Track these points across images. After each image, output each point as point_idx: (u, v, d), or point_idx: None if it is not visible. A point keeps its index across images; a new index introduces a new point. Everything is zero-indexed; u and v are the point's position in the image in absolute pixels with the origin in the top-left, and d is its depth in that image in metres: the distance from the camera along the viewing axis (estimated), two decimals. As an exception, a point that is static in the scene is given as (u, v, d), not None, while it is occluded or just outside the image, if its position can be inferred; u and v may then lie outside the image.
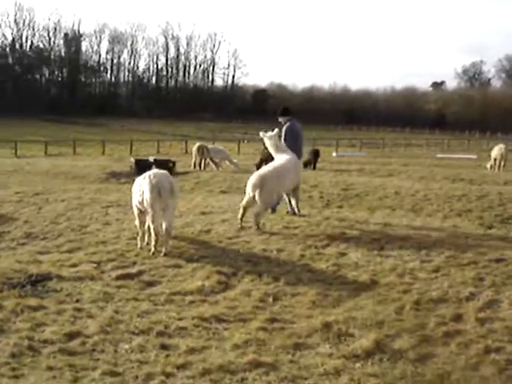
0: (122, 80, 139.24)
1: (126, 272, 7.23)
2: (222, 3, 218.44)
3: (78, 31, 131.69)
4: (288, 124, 11.44)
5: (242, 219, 9.64)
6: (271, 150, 10.77)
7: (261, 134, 11.01)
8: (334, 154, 38.89)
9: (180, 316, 5.71)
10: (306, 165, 25.65)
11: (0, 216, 11.22)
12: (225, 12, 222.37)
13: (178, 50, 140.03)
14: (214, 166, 23.28)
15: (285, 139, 11.17)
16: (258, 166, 23.01)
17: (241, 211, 9.69)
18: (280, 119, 11.65)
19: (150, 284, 6.83)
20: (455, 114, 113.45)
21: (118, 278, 7.04)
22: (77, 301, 6.10)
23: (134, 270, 7.30)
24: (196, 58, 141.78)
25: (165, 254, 7.98)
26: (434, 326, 5.51)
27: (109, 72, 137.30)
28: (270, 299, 6.23)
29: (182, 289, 6.57)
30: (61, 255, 8.14)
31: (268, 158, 12.91)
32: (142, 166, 20.62)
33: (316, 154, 27.00)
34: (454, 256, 7.81)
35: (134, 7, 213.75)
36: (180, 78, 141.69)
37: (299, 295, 6.36)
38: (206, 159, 23.04)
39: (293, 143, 11.12)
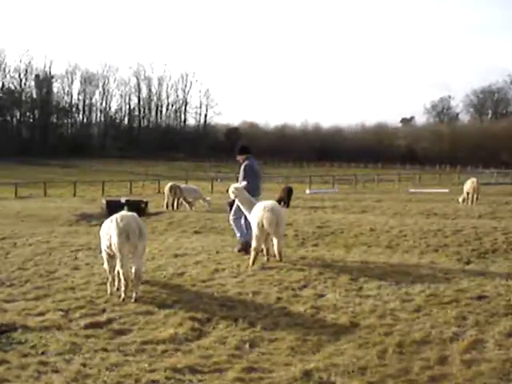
0: (94, 121, 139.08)
1: (94, 320, 6.89)
2: (193, 44, 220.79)
3: (50, 72, 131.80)
4: (247, 162, 11.38)
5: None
6: (243, 206, 10.60)
7: (230, 189, 10.71)
8: (308, 191, 38.85)
9: (152, 367, 5.38)
10: (278, 202, 25.53)
11: (-36, 263, 10.80)
12: (196, 52, 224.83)
13: (150, 90, 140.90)
14: (187, 206, 22.99)
15: (245, 177, 11.10)
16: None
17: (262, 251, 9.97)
18: (238, 158, 11.65)
19: (120, 332, 6.49)
20: (425, 148, 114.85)
21: (86, 326, 6.69)
22: (42, 353, 5.73)
23: (103, 318, 6.96)
24: (168, 97, 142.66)
25: (135, 300, 7.65)
26: (418, 370, 5.26)
27: (81, 113, 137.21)
28: (247, 346, 5.93)
29: (153, 337, 6.25)
30: (27, 303, 7.76)
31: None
32: (113, 207, 20.23)
33: (289, 192, 26.89)
34: (434, 294, 7.63)
35: (106, 48, 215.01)
36: (152, 118, 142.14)
37: (277, 341, 6.09)
38: (178, 199, 22.77)
39: (253, 181, 11.13)
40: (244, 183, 10.89)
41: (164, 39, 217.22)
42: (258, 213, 9.76)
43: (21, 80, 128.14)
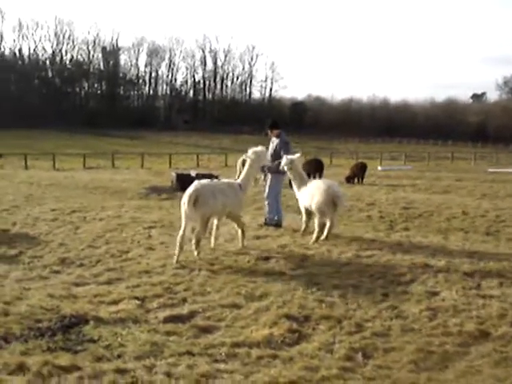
0: (159, 93, 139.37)
1: (175, 313, 6.01)
2: (260, 16, 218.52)
3: (117, 45, 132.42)
4: (284, 136, 11.50)
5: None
6: (295, 182, 10.48)
7: (285, 162, 10.37)
8: (380, 168, 37.36)
9: (249, 381, 4.46)
10: (350, 179, 24.39)
11: (32, 238, 10.16)
12: (262, 25, 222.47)
13: (216, 63, 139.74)
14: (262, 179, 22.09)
15: (286, 151, 11.09)
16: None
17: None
18: (270, 132, 11.61)
19: (206, 330, 5.57)
20: (497, 126, 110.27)
21: (166, 320, 5.81)
22: (118, 356, 4.87)
23: (184, 311, 6.06)
24: (233, 71, 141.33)
25: None
26: None
27: (147, 85, 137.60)
28: (360, 357, 4.92)
29: (245, 338, 5.31)
30: (99, 288, 6.98)
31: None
32: (183, 181, 19.56)
33: (363, 168, 25.68)
34: None
35: (172, 21, 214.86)
36: (217, 91, 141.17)
37: (394, 351, 5.04)
38: (250, 173, 21.87)
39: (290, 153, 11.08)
40: (298, 155, 10.83)
41: (230, 11, 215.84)
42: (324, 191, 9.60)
43: (89, 52, 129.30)
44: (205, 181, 9.04)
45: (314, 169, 24.35)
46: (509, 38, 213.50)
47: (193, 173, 20.69)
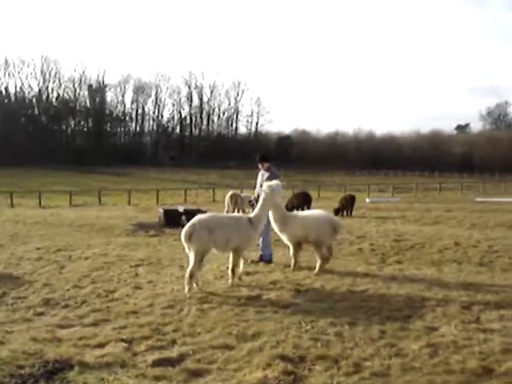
0: (146, 129, 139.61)
1: (164, 356, 5.72)
2: (245, 52, 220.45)
3: (103, 82, 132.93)
4: (274, 170, 11.40)
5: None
6: (274, 212, 9.96)
7: (267, 188, 9.59)
8: (368, 200, 37.30)
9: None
10: (339, 211, 24.23)
11: (16, 278, 9.86)
12: (247, 61, 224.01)
13: (202, 98, 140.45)
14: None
15: None
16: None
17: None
18: (261, 165, 11.43)
19: (197, 374, 5.30)
20: (482, 156, 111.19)
21: (154, 364, 5.53)
22: (105, 406, 4.61)
23: (174, 354, 5.78)
24: (219, 106, 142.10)
25: None
26: None
27: (133, 122, 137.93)
28: (360, 400, 4.68)
29: (238, 382, 5.04)
30: (84, 330, 6.69)
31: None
32: (171, 216, 19.33)
33: (352, 200, 25.56)
34: None
35: (157, 58, 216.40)
36: (204, 127, 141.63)
37: (397, 393, 4.81)
38: (239, 208, 21.67)
39: None
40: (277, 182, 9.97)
41: (215, 47, 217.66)
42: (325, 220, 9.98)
43: (75, 89, 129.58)
44: (206, 215, 9.14)
45: (302, 202, 24.25)
46: (494, 67, 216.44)
47: (180, 208, 20.44)
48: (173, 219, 19.15)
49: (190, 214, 19.72)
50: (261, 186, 11.11)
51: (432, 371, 5.21)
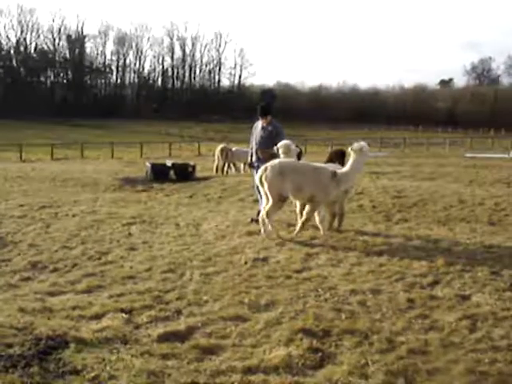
0: (127, 81, 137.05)
1: (170, 329, 5.09)
2: (228, 3, 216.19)
3: (82, 32, 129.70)
4: (276, 123, 10.36)
5: None
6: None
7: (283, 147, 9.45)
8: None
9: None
10: (330, 167, 23.55)
11: (-1, 238, 9.14)
12: (230, 11, 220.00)
13: (184, 50, 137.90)
14: (233, 170, 21.24)
15: (282, 136, 10.08)
16: None
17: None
18: (267, 118, 10.22)
19: (210, 351, 4.68)
20: (466, 111, 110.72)
21: (160, 339, 4.90)
22: (109, 395, 3.97)
23: (181, 326, 5.15)
24: (202, 58, 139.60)
25: None
26: None
27: (114, 73, 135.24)
28: (402, 383, 4.09)
29: (259, 362, 4.42)
30: (77, 298, 6.03)
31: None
32: (159, 171, 18.59)
33: (342, 156, 24.85)
34: None
35: (139, 8, 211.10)
36: (186, 79, 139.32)
37: (440, 373, 4.19)
38: (229, 163, 20.95)
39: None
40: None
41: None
42: None
43: (54, 40, 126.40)
44: (283, 160, 9.06)
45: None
46: (476, 22, 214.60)
47: (168, 162, 19.66)
48: (161, 174, 18.42)
49: (179, 168, 19.05)
50: (256, 141, 10.38)
51: (475, 348, 4.63)
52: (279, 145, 9.35)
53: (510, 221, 10.73)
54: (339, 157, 25.63)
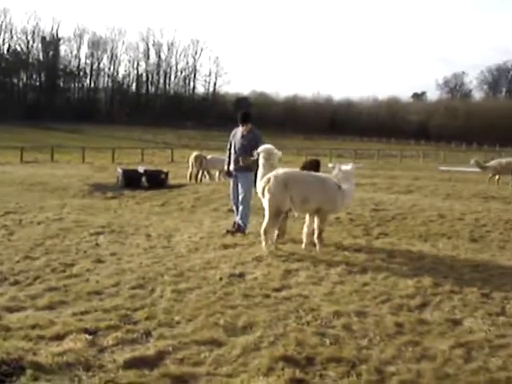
0: (101, 85, 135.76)
1: (138, 354, 4.60)
2: (205, 10, 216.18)
3: (57, 35, 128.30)
4: (257, 131, 10.14)
5: None
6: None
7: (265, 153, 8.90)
8: (331, 165, 36.36)
9: None
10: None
11: (-43, 246, 8.56)
12: (207, 19, 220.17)
13: (159, 56, 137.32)
14: (207, 178, 20.79)
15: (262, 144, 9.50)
16: None
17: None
18: (248, 126, 9.96)
19: (182, 380, 4.20)
20: (438, 124, 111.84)
21: (127, 365, 4.41)
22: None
23: (150, 351, 4.66)
24: (177, 64, 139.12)
25: None
26: None
27: (88, 77, 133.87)
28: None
29: (236, 396, 4.00)
30: (38, 315, 5.50)
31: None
32: (130, 178, 18.05)
33: (317, 165, 24.58)
34: None
35: (115, 12, 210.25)
36: (161, 85, 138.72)
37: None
38: (203, 170, 20.48)
39: None
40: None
41: (174, 3, 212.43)
42: None
43: (28, 42, 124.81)
44: (286, 169, 8.68)
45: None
46: (449, 37, 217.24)
47: (140, 169, 19.14)
48: (132, 180, 17.89)
49: (151, 175, 18.52)
50: (235, 148, 10.00)
51: (472, 381, 4.25)
52: (260, 149, 8.90)
53: (492, 237, 10.47)
54: (313, 167, 25.38)
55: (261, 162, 8.67)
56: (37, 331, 5.08)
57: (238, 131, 10.06)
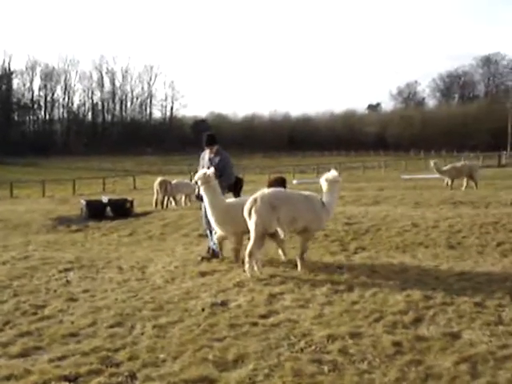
0: (56, 117, 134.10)
1: (125, 401, 4.29)
2: (157, 35, 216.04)
3: (9, 68, 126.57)
4: (224, 152, 10.07)
5: None
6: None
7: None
8: (295, 182, 36.38)
9: None
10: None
11: None
12: (160, 44, 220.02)
13: (114, 83, 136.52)
14: (173, 204, 20.42)
15: (230, 167, 10.00)
16: None
17: None
18: (214, 147, 9.93)
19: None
20: (395, 134, 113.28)
21: (114, 415, 4.10)
22: None
23: (138, 396, 4.35)
24: (132, 91, 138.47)
25: None
26: None
27: (42, 109, 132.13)
28: None
29: None
30: (11, 364, 5.08)
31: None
32: (94, 209, 17.54)
33: (283, 183, 24.39)
34: None
35: (67, 42, 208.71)
36: (117, 113, 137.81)
37: None
38: (169, 196, 20.10)
39: (232, 172, 10.15)
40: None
41: (127, 31, 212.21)
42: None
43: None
44: (272, 189, 8.59)
45: (234, 185, 22.89)
46: (401, 47, 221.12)
47: (104, 199, 18.62)
48: (97, 211, 17.37)
49: (116, 204, 18.06)
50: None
51: (483, 399, 4.04)
52: (197, 176, 8.77)
53: (469, 243, 10.38)
54: (279, 184, 25.15)
55: (200, 188, 8.82)
56: (12, 383, 4.69)
57: (206, 154, 9.84)
